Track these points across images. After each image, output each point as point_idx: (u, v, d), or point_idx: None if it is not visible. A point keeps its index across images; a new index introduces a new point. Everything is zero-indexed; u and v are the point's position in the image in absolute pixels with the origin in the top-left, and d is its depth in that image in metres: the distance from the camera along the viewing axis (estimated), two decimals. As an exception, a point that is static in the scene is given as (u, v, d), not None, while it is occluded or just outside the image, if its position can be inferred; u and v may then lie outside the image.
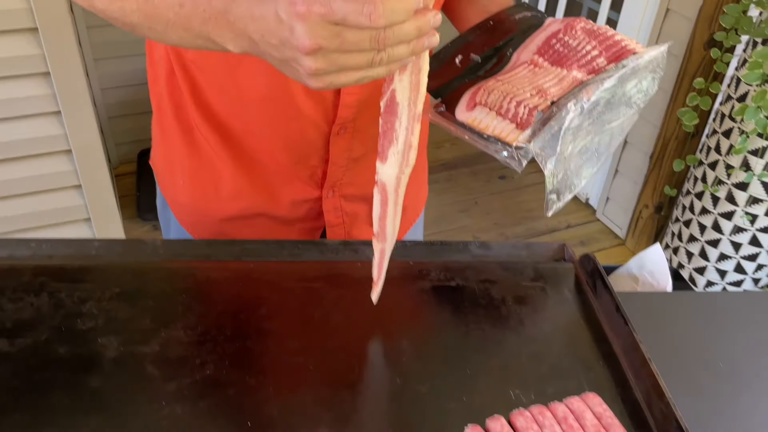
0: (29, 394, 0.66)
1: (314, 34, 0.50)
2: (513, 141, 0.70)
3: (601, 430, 0.66)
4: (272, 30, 0.53)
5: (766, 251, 2.02)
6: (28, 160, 1.98)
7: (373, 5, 0.49)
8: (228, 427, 0.66)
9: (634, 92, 0.73)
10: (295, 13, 0.50)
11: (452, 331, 0.80)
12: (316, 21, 0.50)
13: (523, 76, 0.74)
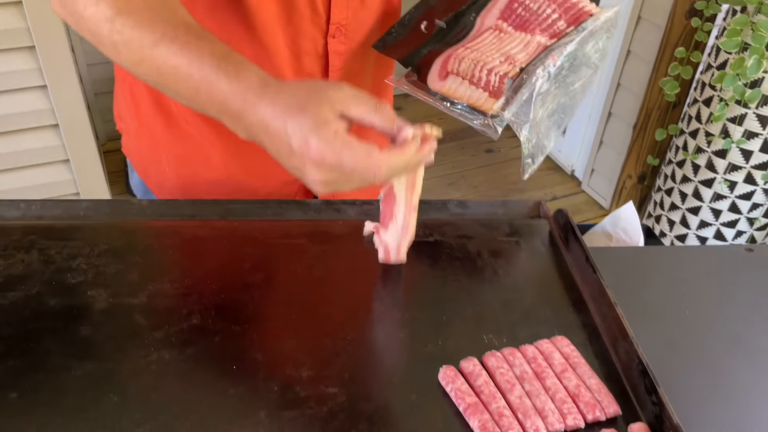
0: (22, 342, 0.69)
1: (323, 176, 0.58)
2: (488, 110, 0.72)
3: (568, 368, 0.70)
4: (284, 151, 0.59)
5: (746, 218, 2.06)
6: (15, 135, 1.99)
7: (377, 167, 0.57)
8: (214, 371, 0.69)
9: (593, 52, 0.76)
10: (308, 156, 0.57)
11: (429, 282, 0.83)
12: (326, 168, 0.57)
13: (490, 43, 0.77)
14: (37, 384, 0.65)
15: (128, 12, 0.62)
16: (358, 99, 0.60)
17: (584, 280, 0.83)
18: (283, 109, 0.58)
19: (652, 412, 0.65)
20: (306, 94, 0.59)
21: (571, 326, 0.77)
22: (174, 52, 0.61)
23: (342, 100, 0.59)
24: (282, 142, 0.58)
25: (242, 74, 0.61)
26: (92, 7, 0.62)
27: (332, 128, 0.57)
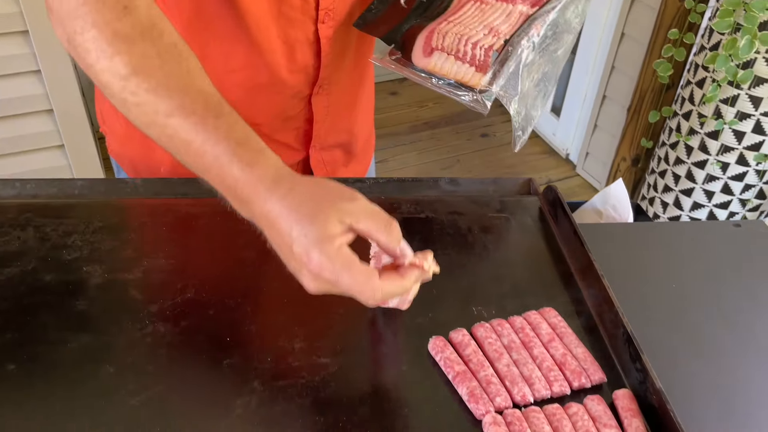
0: (19, 316, 0.71)
1: (317, 285, 0.58)
2: (476, 85, 0.73)
3: (555, 338, 0.71)
4: (284, 250, 0.58)
5: (738, 199, 2.08)
6: (9, 120, 1.99)
7: (373, 292, 0.57)
8: (208, 343, 0.71)
9: (573, 18, 0.76)
10: (307, 266, 0.56)
11: (420, 256, 0.84)
12: (322, 281, 0.56)
13: (472, 15, 0.77)
14: (34, 356, 0.67)
15: (144, 73, 0.58)
16: (369, 214, 0.58)
17: (572, 253, 0.84)
18: (292, 212, 0.56)
19: (636, 378, 0.67)
20: (318, 199, 0.57)
21: (558, 298, 0.79)
22: (189, 128, 0.58)
23: (353, 214, 0.57)
24: (284, 243, 0.57)
25: (257, 163, 0.58)
26: (106, 61, 0.58)
27: (336, 244, 0.55)
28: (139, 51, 0.58)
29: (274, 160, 0.60)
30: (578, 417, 0.63)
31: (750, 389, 0.73)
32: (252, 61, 0.82)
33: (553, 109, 3.02)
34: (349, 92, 0.96)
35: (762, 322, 0.82)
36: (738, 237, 0.98)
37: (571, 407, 0.64)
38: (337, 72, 0.90)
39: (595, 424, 0.62)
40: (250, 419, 0.62)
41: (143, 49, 0.59)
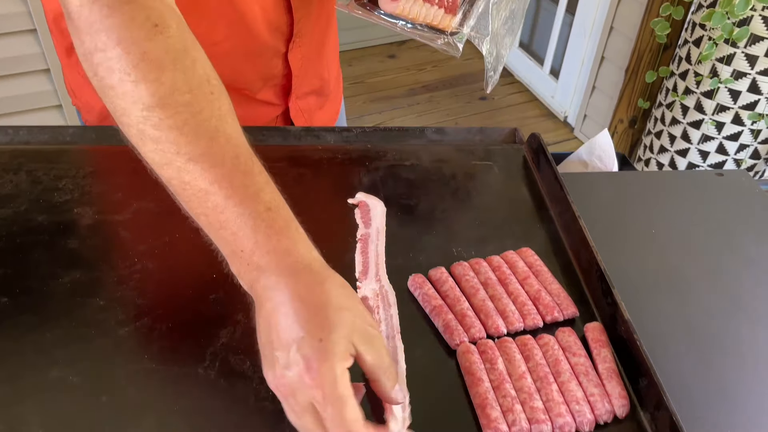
0: (12, 254, 0.73)
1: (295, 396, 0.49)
2: (447, 27, 0.73)
3: (530, 275, 0.73)
4: (273, 339, 0.50)
5: (733, 159, 2.08)
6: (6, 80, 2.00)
7: None
8: (194, 279, 0.73)
9: None
10: (298, 376, 0.48)
11: (404, 201, 0.86)
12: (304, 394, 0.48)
13: None
14: (27, 290, 0.69)
15: (171, 108, 0.51)
16: (379, 351, 0.51)
17: (552, 197, 0.86)
18: (311, 307, 0.50)
19: (607, 312, 0.69)
20: (337, 308, 0.50)
21: (537, 240, 0.81)
22: (212, 179, 0.51)
23: (366, 342, 0.50)
24: (281, 332, 0.49)
25: (286, 235, 0.53)
26: (129, 85, 0.51)
27: (345, 365, 0.49)
28: (169, 81, 0.51)
29: (304, 238, 0.54)
30: (549, 347, 0.65)
31: (718, 328, 0.76)
32: (235, 30, 0.83)
33: (552, 72, 3.01)
34: (318, 40, 0.97)
35: (737, 267, 0.84)
36: (721, 186, 1.00)
37: (543, 338, 0.66)
38: (307, 24, 0.91)
39: (565, 353, 0.65)
40: (233, 347, 0.65)
41: (173, 79, 0.52)
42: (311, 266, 0.53)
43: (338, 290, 0.52)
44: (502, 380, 0.62)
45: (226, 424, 0.58)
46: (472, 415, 0.60)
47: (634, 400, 0.62)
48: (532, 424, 0.58)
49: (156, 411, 0.59)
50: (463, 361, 0.64)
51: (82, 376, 0.61)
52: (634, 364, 0.64)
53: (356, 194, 0.85)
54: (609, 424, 0.60)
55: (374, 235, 0.80)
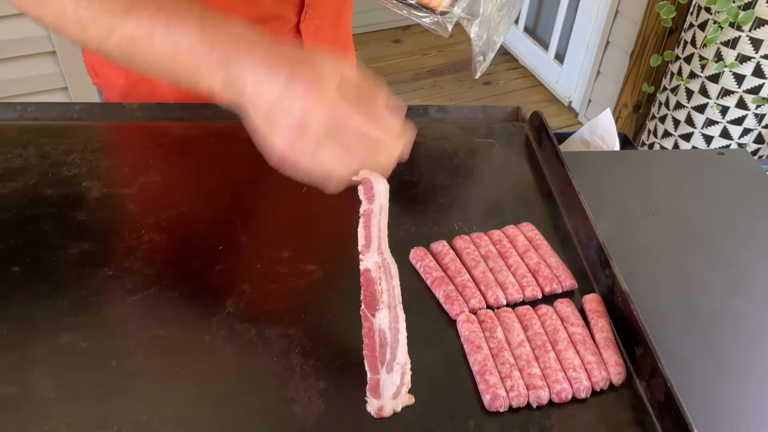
0: (23, 225, 0.74)
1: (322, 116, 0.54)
2: (438, 6, 0.73)
3: (530, 249, 0.75)
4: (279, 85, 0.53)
5: (736, 144, 2.08)
6: (12, 62, 2.01)
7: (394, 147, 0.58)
8: (201, 251, 0.74)
9: None
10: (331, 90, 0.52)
11: (406, 177, 0.87)
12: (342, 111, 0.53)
13: None
14: (37, 260, 0.71)
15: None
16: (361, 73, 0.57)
17: (553, 174, 0.87)
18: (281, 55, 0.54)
19: (606, 285, 0.70)
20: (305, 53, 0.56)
21: (538, 215, 0.82)
22: (149, 15, 0.56)
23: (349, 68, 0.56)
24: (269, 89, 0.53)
25: (232, 24, 0.57)
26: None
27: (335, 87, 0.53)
28: None
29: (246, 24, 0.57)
30: (547, 317, 0.66)
31: (716, 302, 0.77)
32: None
33: (557, 57, 3.00)
34: (333, 14, 0.98)
35: (736, 244, 0.85)
36: (721, 165, 1.01)
37: (542, 308, 0.67)
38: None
39: (563, 323, 0.66)
40: (239, 316, 0.66)
41: None
42: (264, 36, 0.56)
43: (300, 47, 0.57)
44: (501, 348, 0.63)
45: (232, 389, 0.60)
46: (471, 381, 0.62)
47: (630, 369, 0.64)
48: (529, 389, 0.60)
49: (164, 375, 0.61)
50: (462, 329, 0.65)
51: (91, 342, 0.63)
52: (630, 334, 0.65)
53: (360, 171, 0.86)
54: (605, 391, 0.62)
55: (377, 211, 0.81)
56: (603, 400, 0.61)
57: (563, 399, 0.60)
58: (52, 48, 2.01)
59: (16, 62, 2.02)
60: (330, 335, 0.66)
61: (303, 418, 0.58)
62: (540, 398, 0.60)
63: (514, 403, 0.60)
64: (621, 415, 0.60)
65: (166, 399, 0.59)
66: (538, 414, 0.60)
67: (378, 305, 0.68)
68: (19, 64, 2.03)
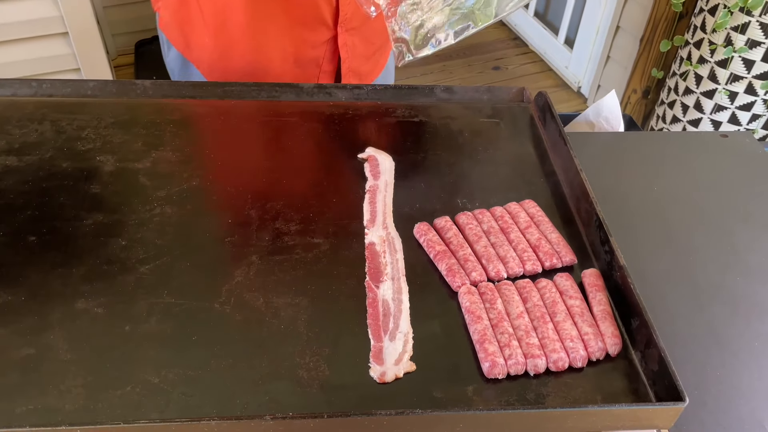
0: (38, 197, 0.77)
1: None
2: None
3: (531, 225, 0.76)
4: None
5: (745, 129, 2.08)
6: (25, 42, 2.03)
7: None
8: (211, 223, 0.77)
9: None
10: None
11: (411, 155, 0.89)
12: None
13: None
14: (53, 230, 0.73)
15: None
16: None
17: (557, 153, 0.88)
18: None
19: (605, 260, 0.72)
20: None
21: (540, 193, 0.84)
22: None
23: None
24: None
25: None
26: None
27: None
28: None
29: None
30: (546, 290, 0.68)
31: (714, 278, 0.78)
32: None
33: (566, 42, 2.99)
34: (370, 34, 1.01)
35: (736, 223, 0.86)
36: (725, 147, 1.01)
37: (541, 282, 0.69)
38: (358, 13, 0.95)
39: (562, 296, 0.68)
40: (248, 285, 0.69)
41: None
42: None
43: None
44: (500, 319, 0.65)
45: (240, 354, 0.62)
46: (471, 349, 0.64)
47: (626, 340, 0.66)
48: (527, 358, 0.62)
49: (175, 340, 0.63)
50: (463, 301, 0.67)
51: (106, 308, 0.66)
52: (627, 307, 0.67)
53: (366, 149, 0.88)
54: (601, 361, 0.64)
55: (382, 187, 0.83)
56: (599, 370, 0.63)
57: (560, 368, 0.62)
58: (65, 29, 2.03)
59: (30, 43, 2.04)
60: (335, 305, 0.68)
61: (308, 382, 0.60)
62: (537, 366, 0.62)
63: (512, 370, 0.62)
64: (616, 384, 0.62)
65: (177, 362, 0.61)
66: (535, 382, 0.62)
67: (382, 277, 0.71)
68: (32, 44, 2.05)
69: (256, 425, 0.54)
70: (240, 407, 0.58)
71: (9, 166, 0.81)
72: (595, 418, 0.57)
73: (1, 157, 0.82)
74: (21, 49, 2.03)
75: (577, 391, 0.61)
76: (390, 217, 0.79)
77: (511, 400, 0.60)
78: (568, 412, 0.57)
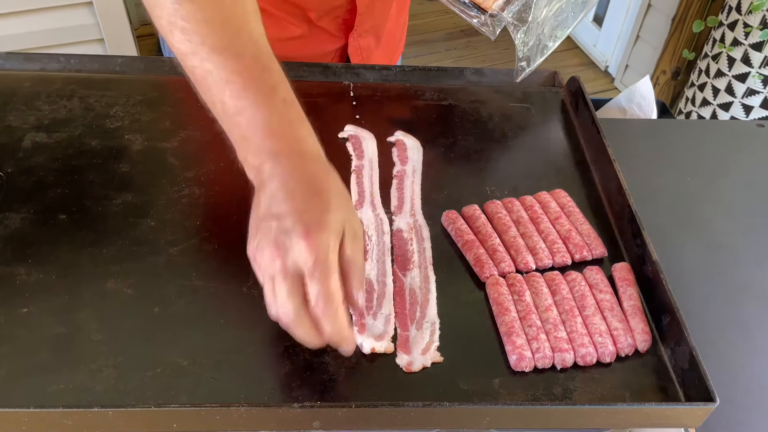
0: (68, 175, 0.77)
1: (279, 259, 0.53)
2: (489, 7, 0.72)
3: (562, 215, 0.75)
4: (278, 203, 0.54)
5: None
6: (49, 12, 2.02)
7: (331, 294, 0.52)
8: (239, 206, 0.76)
9: None
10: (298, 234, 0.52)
11: (440, 139, 0.88)
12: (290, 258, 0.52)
13: None
14: (82, 209, 0.74)
15: (199, 2, 0.56)
16: (359, 248, 0.57)
17: (589, 141, 0.87)
18: (306, 187, 0.55)
19: (636, 254, 0.71)
20: (338, 195, 0.56)
21: (571, 182, 0.82)
22: (232, 70, 0.55)
23: (353, 237, 0.56)
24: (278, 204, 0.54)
25: (301, 125, 0.58)
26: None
27: (333, 242, 0.53)
28: None
29: (313, 134, 0.59)
30: (576, 283, 0.68)
31: (746, 275, 0.77)
32: None
33: (595, 19, 2.92)
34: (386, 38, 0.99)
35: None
36: (761, 137, 0.99)
37: (571, 274, 0.69)
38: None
39: (591, 289, 0.67)
40: (275, 270, 0.69)
41: None
42: (319, 156, 0.58)
43: (340, 185, 0.58)
44: (528, 311, 0.65)
45: (267, 338, 0.63)
46: (498, 342, 0.64)
47: (656, 336, 0.65)
48: (555, 352, 0.61)
49: (204, 322, 0.64)
50: (491, 292, 0.67)
51: (135, 289, 0.66)
52: (658, 302, 0.66)
53: (395, 132, 0.87)
54: (629, 357, 0.63)
55: (410, 173, 0.82)
56: (627, 366, 0.63)
57: (588, 362, 0.62)
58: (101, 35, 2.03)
59: (53, 12, 2.04)
60: (362, 292, 0.68)
61: (335, 368, 0.61)
62: (565, 361, 0.61)
63: (540, 364, 0.61)
64: (644, 380, 0.62)
65: (206, 345, 0.62)
66: (562, 376, 0.61)
67: (409, 265, 0.70)
68: (56, 14, 2.04)
69: (284, 413, 0.55)
70: (268, 392, 0.59)
71: (39, 142, 0.81)
72: (624, 416, 0.57)
73: (32, 133, 0.82)
74: (45, 18, 2.03)
75: (605, 386, 0.61)
76: (418, 203, 0.78)
77: (537, 394, 0.60)
78: (597, 409, 0.56)
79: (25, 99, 0.87)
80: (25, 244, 0.69)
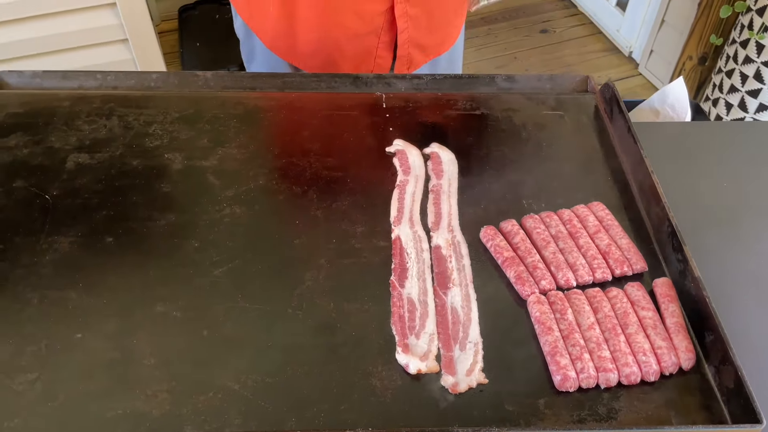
0: (113, 196, 0.79)
1: None
2: None
3: (601, 229, 0.75)
4: None
5: (808, 101, 1.99)
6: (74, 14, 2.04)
7: None
8: (279, 225, 0.78)
9: None
10: None
11: (474, 151, 0.88)
12: None
13: None
14: (128, 231, 0.75)
15: None
16: None
17: (625, 150, 0.86)
18: None
19: (677, 268, 0.71)
20: None
21: (608, 193, 0.82)
22: None
23: None
24: None
25: None
26: None
27: None
28: None
29: None
30: (617, 300, 0.68)
31: (788, 283, 0.76)
32: None
33: (619, 4, 2.87)
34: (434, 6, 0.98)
35: (810, 222, 0.84)
36: (798, 139, 0.97)
37: (612, 291, 0.69)
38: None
39: (633, 307, 0.67)
40: (318, 290, 0.70)
41: None
42: None
43: None
44: (571, 330, 0.65)
45: (314, 360, 0.64)
46: (541, 361, 0.64)
47: (700, 354, 0.65)
48: (599, 372, 0.62)
49: (252, 345, 0.65)
50: (533, 310, 0.67)
51: (184, 312, 0.68)
52: (701, 319, 0.66)
53: (430, 144, 0.88)
54: (674, 376, 0.64)
55: (446, 186, 0.83)
56: (671, 384, 0.63)
57: (632, 382, 0.62)
58: (125, 36, 2.04)
59: (78, 14, 2.05)
60: (405, 311, 0.69)
61: (381, 391, 0.62)
62: (609, 380, 0.62)
63: (584, 384, 0.62)
64: (688, 399, 0.62)
65: (254, 368, 0.63)
66: (606, 395, 0.62)
67: (449, 283, 0.71)
68: (81, 16, 2.06)
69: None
70: (317, 416, 0.60)
71: (81, 163, 0.83)
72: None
73: (74, 154, 0.84)
74: (69, 20, 2.05)
75: (650, 406, 0.62)
76: (456, 218, 0.79)
77: (582, 414, 0.61)
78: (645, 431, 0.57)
79: (65, 119, 0.88)
80: (75, 269, 0.71)
